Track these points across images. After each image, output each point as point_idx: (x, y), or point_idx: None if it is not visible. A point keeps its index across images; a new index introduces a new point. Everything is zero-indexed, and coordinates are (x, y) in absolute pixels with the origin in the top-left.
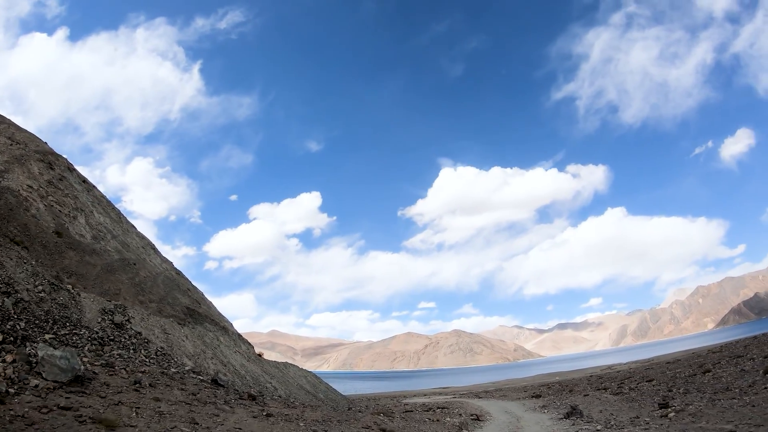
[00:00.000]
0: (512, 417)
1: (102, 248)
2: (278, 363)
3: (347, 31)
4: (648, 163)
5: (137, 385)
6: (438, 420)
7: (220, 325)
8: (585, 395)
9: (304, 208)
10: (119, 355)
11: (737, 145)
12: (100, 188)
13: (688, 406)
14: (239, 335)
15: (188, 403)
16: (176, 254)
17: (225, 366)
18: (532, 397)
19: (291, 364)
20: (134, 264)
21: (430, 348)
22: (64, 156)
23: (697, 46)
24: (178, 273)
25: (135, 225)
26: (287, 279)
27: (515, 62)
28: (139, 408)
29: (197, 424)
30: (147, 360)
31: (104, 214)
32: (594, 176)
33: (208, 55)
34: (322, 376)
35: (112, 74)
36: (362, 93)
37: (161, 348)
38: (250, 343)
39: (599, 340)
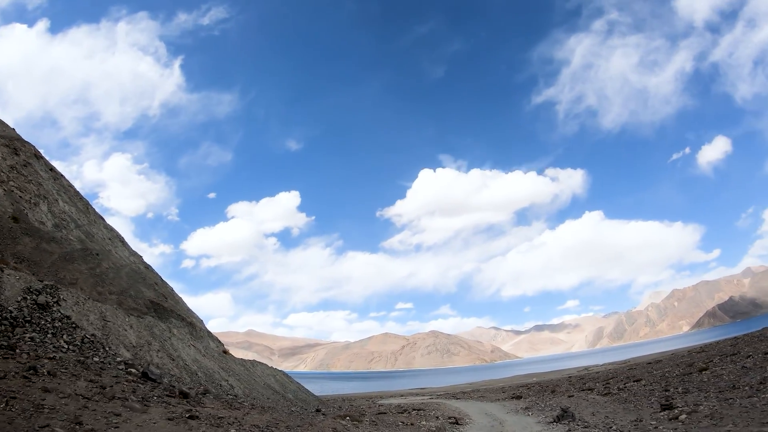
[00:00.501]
0: (494, 420)
1: (63, 237)
2: (246, 361)
3: (329, 30)
4: (626, 167)
5: (31, 371)
6: (412, 424)
7: (187, 320)
8: (570, 396)
9: (283, 207)
10: (31, 338)
11: (714, 152)
12: (77, 184)
13: (698, 407)
14: (209, 333)
15: (87, 398)
16: (153, 252)
17: (173, 360)
18: (512, 398)
19: (260, 363)
20: (97, 255)
21: (407, 349)
22: (32, 144)
23: (677, 54)
24: (147, 267)
25: (112, 222)
26: (265, 278)
27: (497, 66)
28: (15, 399)
29: (80, 424)
30: (66, 346)
31: (70, 204)
32: (572, 180)
33: (189, 51)
34: (299, 377)
35: (92, 68)
36: (343, 93)
37: (92, 335)
38: (219, 341)
39: (576, 342)
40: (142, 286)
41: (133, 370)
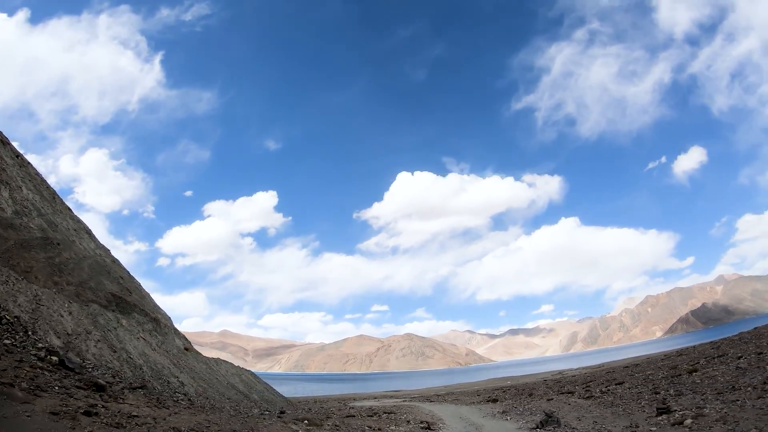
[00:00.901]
0: (469, 425)
1: (23, 224)
2: (210, 359)
3: (312, 31)
4: (603, 175)
5: None
6: (380, 429)
7: (152, 316)
8: (549, 399)
9: (260, 207)
10: None
11: (690, 161)
12: (52, 178)
13: (702, 410)
14: (176, 330)
15: None
16: (128, 249)
17: (114, 352)
18: (488, 401)
19: (226, 362)
20: (58, 244)
21: (382, 351)
22: None
23: (656, 65)
24: (114, 261)
25: (86, 218)
26: (240, 278)
27: (478, 71)
28: None
29: None
30: None
31: (35, 192)
32: (549, 186)
33: (170, 47)
34: (273, 378)
35: (72, 60)
36: (324, 94)
37: (16, 317)
38: (187, 339)
39: (550, 346)
40: (104, 278)
41: (53, 358)
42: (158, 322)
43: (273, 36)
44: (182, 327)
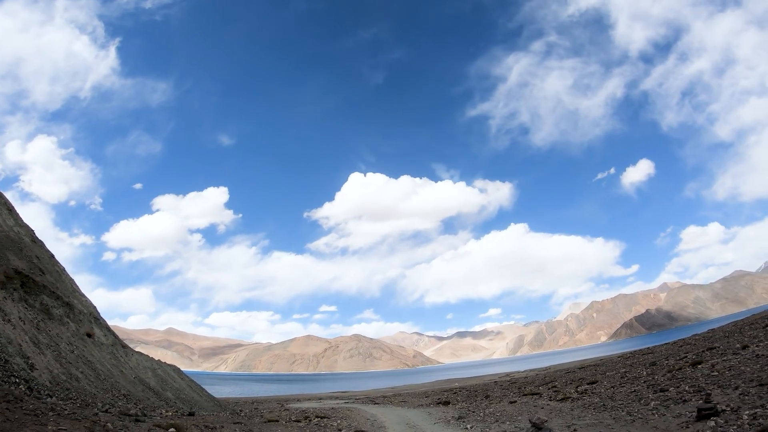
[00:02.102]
0: None
1: None
2: (120, 349)
3: (273, 27)
4: (553, 184)
5: None
6: None
7: (65, 300)
8: (512, 402)
9: (210, 202)
10: None
11: (638, 173)
12: None
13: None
14: (96, 319)
15: None
16: (73, 242)
17: None
18: (439, 403)
19: (141, 354)
20: None
21: (329, 352)
22: None
23: (610, 80)
24: (35, 242)
25: (31, 208)
26: (188, 275)
27: (435, 77)
28: None
29: None
30: None
31: None
32: (500, 192)
33: (128, 34)
34: (219, 378)
35: (25, 42)
36: (280, 91)
37: None
38: (110, 330)
39: (497, 349)
40: (12, 254)
41: None
42: (72, 308)
43: (233, 29)
44: (126, 324)
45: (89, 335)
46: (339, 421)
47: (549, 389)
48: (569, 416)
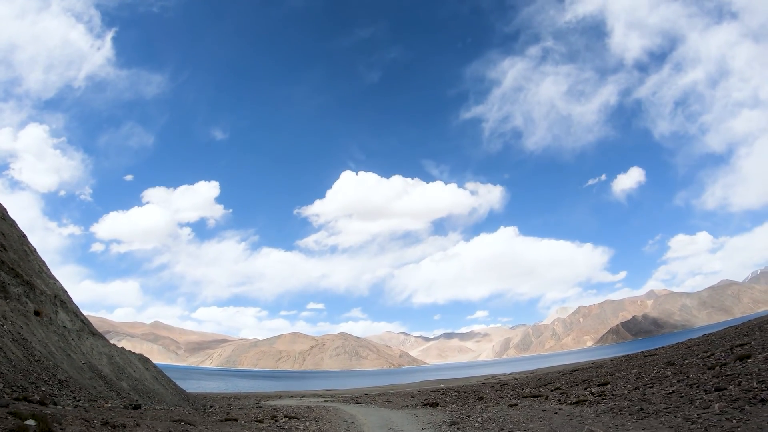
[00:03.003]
0: None
1: None
2: (71, 331)
3: (270, 22)
4: (544, 188)
5: None
6: None
7: (25, 279)
8: (512, 405)
9: (201, 196)
10: None
11: (628, 181)
12: None
13: None
14: (56, 298)
15: None
16: (62, 232)
17: None
18: (426, 405)
19: (102, 340)
20: None
21: (316, 349)
22: None
23: (604, 87)
24: (4, 218)
25: (21, 197)
26: (176, 269)
27: (431, 78)
28: None
29: None
30: None
31: None
32: (491, 195)
33: (124, 24)
34: (204, 373)
35: (21, 29)
36: (275, 87)
37: None
38: (77, 315)
39: (483, 351)
40: None
41: None
42: (33, 287)
43: (230, 24)
44: (113, 316)
45: (37, 314)
46: (308, 423)
47: (551, 391)
48: (603, 424)
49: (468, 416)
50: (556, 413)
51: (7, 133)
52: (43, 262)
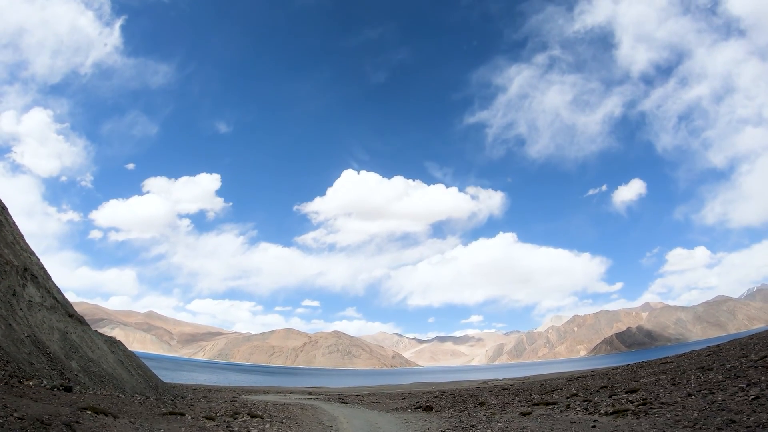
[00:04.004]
0: None
1: None
2: (24, 303)
3: (279, 19)
4: (544, 196)
5: None
6: None
7: None
8: (524, 414)
9: (202, 188)
10: None
11: (629, 192)
12: None
13: None
14: (32, 275)
15: None
16: (61, 218)
17: None
18: (418, 408)
19: (59, 314)
20: None
21: (308, 346)
22: None
23: (609, 98)
24: None
25: (22, 180)
26: (173, 260)
27: (437, 81)
28: None
29: None
30: None
31: None
32: (491, 201)
33: (134, 13)
34: (196, 365)
35: (30, 13)
36: (281, 83)
37: None
38: (48, 292)
39: (476, 356)
40: None
41: None
42: None
43: (240, 18)
44: (107, 304)
45: None
46: (272, 424)
47: (567, 398)
48: None
49: (472, 426)
50: (594, 426)
51: (11, 116)
52: (21, 235)
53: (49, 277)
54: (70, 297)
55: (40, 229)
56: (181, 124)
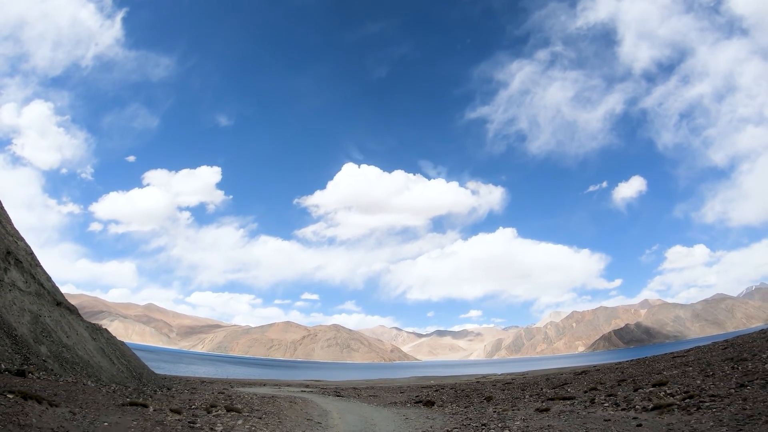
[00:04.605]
0: None
1: None
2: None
3: (281, 13)
4: (544, 192)
5: None
6: None
7: None
8: (542, 410)
9: (202, 181)
10: None
11: (629, 189)
12: None
13: None
14: (16, 259)
15: None
16: (61, 210)
17: None
18: (418, 403)
19: (35, 297)
20: None
21: (307, 340)
22: None
23: (611, 95)
24: None
25: (22, 173)
26: (173, 252)
27: (438, 76)
28: None
29: None
30: None
31: None
32: (492, 196)
33: (135, 6)
34: (195, 357)
35: (30, 5)
36: (282, 77)
37: None
38: (33, 277)
39: (475, 350)
40: None
41: None
42: None
43: (241, 11)
44: (107, 296)
45: None
46: (243, 421)
47: (586, 393)
48: None
49: (484, 424)
50: (640, 425)
51: (11, 108)
52: (8, 219)
53: (37, 264)
54: (70, 289)
55: (40, 221)
56: (182, 117)
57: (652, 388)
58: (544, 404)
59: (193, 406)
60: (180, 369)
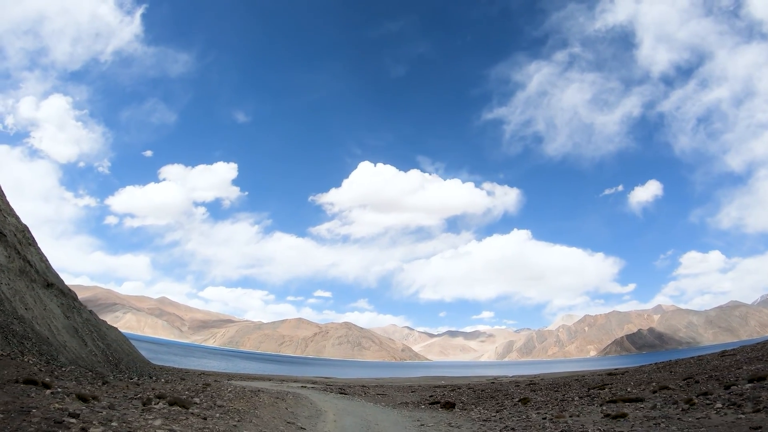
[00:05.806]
0: None
1: None
2: None
3: (299, 8)
4: (560, 194)
5: None
6: None
7: None
8: (613, 416)
9: (218, 177)
10: None
11: (645, 193)
12: (9, 119)
13: None
14: (2, 234)
15: None
16: (77, 203)
17: None
18: (434, 404)
19: (16, 277)
20: None
21: (319, 336)
22: None
23: (629, 98)
24: None
25: (39, 165)
26: (187, 247)
27: (456, 76)
28: None
29: None
30: None
31: None
32: (507, 197)
33: (154, 2)
34: (206, 351)
35: (50, 0)
36: (300, 74)
37: None
38: (18, 253)
39: (486, 352)
40: None
41: None
42: None
43: (259, 8)
44: (121, 289)
45: None
46: (163, 421)
47: (653, 393)
48: None
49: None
50: None
51: (30, 102)
52: (2, 194)
53: (30, 243)
54: (84, 281)
55: (57, 213)
56: (199, 113)
57: (719, 390)
58: (605, 407)
59: (137, 396)
60: (190, 362)
